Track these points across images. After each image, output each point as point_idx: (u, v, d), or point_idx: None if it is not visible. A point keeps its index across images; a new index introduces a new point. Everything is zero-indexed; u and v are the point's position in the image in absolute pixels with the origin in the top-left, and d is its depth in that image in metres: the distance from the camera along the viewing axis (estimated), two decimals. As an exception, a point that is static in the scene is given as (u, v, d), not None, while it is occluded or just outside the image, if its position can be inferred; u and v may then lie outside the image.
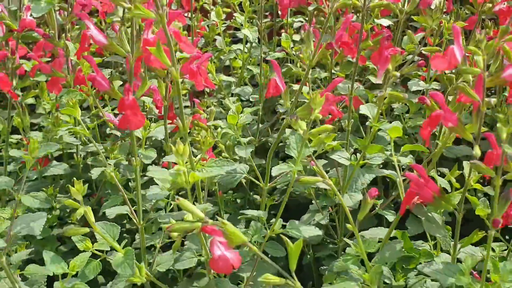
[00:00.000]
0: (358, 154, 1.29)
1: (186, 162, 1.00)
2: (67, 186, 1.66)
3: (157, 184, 1.29)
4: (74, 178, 0.97)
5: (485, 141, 0.97)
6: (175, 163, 1.18)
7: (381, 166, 1.41)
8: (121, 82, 1.58)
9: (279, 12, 1.94)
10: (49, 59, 1.74)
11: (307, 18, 1.90)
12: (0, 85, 0.99)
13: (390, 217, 1.29)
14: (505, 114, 0.83)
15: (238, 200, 1.62)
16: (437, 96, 0.97)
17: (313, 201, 1.38)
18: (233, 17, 2.00)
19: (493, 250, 1.25)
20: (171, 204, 1.30)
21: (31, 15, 1.55)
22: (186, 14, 2.03)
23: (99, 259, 1.06)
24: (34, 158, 1.05)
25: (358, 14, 1.70)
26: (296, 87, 1.50)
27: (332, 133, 1.16)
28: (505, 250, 1.27)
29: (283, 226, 1.11)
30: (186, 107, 1.90)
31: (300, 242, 0.72)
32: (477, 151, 0.91)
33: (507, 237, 1.44)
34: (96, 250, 1.07)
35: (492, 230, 0.87)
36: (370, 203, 0.98)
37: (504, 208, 0.86)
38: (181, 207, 0.82)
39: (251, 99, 1.72)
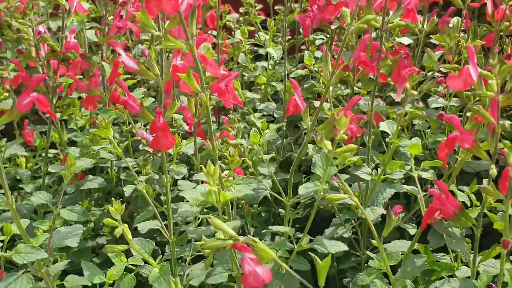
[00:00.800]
0: (379, 169, 1.32)
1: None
2: (102, 200, 1.74)
3: (187, 200, 1.34)
4: (112, 198, 1.01)
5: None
6: (203, 181, 1.23)
7: (403, 180, 1.43)
8: (152, 99, 1.62)
9: (300, 30, 1.98)
10: (81, 76, 1.81)
11: (328, 36, 1.94)
12: (40, 106, 1.04)
13: (412, 230, 1.31)
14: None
15: (263, 214, 1.65)
16: (453, 119, 0.99)
17: (336, 215, 1.41)
18: (255, 36, 2.05)
19: (511, 262, 1.26)
20: (199, 218, 1.34)
21: (75, 37, 1.62)
22: (210, 32, 2.08)
23: (133, 273, 1.11)
24: (71, 173, 1.10)
25: (378, 31, 1.73)
26: (317, 103, 1.53)
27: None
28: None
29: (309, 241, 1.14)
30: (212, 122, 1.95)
31: (328, 260, 0.76)
32: (493, 171, 0.93)
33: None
34: (130, 264, 1.11)
35: (503, 250, 0.89)
36: (395, 220, 1.01)
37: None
38: (213, 226, 0.86)
39: (275, 115, 1.76)
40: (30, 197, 1.65)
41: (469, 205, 1.24)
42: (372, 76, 1.53)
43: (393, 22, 1.25)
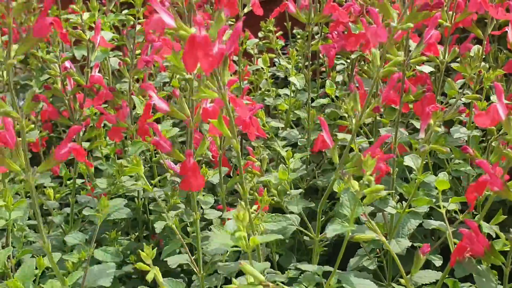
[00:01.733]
0: (404, 201, 1.33)
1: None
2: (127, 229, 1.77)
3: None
4: (144, 246, 1.02)
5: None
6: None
7: (428, 209, 1.44)
8: (177, 129, 1.64)
9: (321, 55, 1.99)
10: (105, 105, 1.84)
11: (348, 60, 1.95)
12: (77, 156, 1.07)
13: (437, 262, 1.31)
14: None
15: (288, 240, 1.67)
16: (483, 163, 1.00)
17: (361, 245, 1.42)
18: (274, 60, 2.07)
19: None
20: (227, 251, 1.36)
21: (99, 71, 1.65)
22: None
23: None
24: (104, 215, 1.13)
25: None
26: (340, 135, 1.55)
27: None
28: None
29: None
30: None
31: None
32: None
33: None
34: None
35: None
36: (423, 259, 1.02)
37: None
38: (243, 271, 0.88)
39: (299, 143, 1.78)
40: (58, 229, 1.70)
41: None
42: (394, 106, 1.54)
43: (415, 58, 1.26)
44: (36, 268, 1.30)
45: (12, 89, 0.95)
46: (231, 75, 1.76)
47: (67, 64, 1.61)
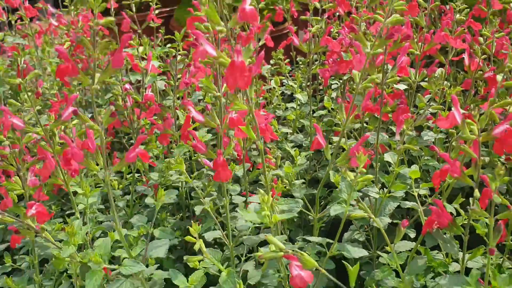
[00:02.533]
0: (385, 188, 1.36)
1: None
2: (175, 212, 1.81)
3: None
4: (192, 223, 1.06)
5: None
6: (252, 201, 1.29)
7: (404, 194, 1.47)
8: (210, 135, 1.68)
9: (320, 78, 2.03)
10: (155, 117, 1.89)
11: (341, 81, 1.99)
12: (143, 158, 1.11)
13: (412, 234, 1.34)
14: (493, 172, 0.89)
15: (296, 219, 1.70)
16: (444, 155, 1.03)
17: (352, 222, 1.45)
18: (283, 82, 2.11)
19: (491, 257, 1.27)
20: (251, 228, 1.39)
21: (152, 91, 1.70)
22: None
23: (204, 273, 1.16)
24: (162, 203, 1.17)
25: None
26: (335, 139, 1.58)
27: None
28: (501, 258, 1.31)
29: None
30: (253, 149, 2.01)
31: (357, 266, 0.80)
32: (477, 194, 0.97)
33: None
34: (202, 267, 1.17)
35: (489, 255, 0.93)
36: (403, 231, 1.05)
37: (497, 238, 0.91)
38: (268, 241, 0.91)
39: (303, 144, 1.81)
40: (121, 211, 1.75)
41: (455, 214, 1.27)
42: (376, 115, 1.57)
43: (391, 78, 1.29)
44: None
45: (95, 106, 0.99)
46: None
47: (127, 86, 1.67)
